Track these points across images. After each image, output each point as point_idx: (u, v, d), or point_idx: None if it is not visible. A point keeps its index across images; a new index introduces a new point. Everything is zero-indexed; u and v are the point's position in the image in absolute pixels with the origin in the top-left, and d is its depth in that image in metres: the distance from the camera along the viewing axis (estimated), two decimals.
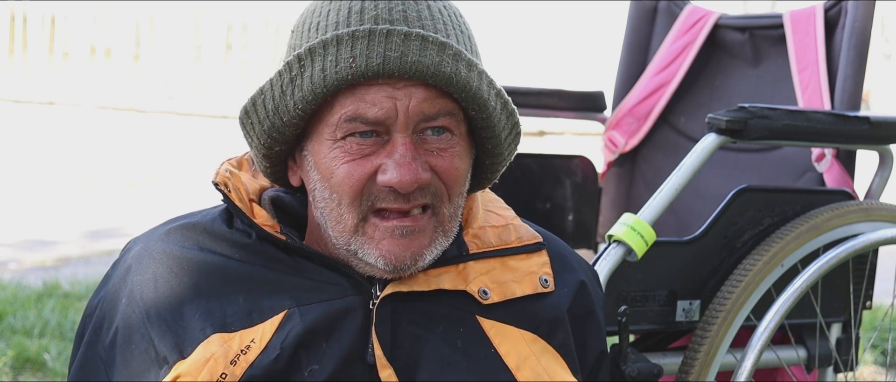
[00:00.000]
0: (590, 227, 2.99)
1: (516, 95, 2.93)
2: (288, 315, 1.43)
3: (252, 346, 1.41)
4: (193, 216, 1.57)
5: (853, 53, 2.51)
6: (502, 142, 1.50)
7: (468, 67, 1.41)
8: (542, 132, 9.94)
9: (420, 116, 1.40)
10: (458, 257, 1.51)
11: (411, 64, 1.37)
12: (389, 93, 1.39)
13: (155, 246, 1.51)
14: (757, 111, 2.06)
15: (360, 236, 1.43)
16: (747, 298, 2.04)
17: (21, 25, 11.51)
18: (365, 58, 1.37)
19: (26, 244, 5.92)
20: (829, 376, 2.29)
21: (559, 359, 1.51)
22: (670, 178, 2.02)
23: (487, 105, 1.44)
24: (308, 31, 1.44)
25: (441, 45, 1.39)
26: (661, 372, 1.98)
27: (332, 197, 1.43)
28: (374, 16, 1.40)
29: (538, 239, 1.58)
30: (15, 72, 11.33)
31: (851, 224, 2.17)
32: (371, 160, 1.41)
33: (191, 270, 1.47)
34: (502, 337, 1.48)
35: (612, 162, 3.01)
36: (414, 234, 1.43)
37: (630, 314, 1.94)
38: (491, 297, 1.50)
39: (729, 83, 2.89)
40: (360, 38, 1.38)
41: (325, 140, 1.42)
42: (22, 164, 8.33)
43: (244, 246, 1.49)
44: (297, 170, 1.50)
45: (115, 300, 1.50)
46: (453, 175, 1.44)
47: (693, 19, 2.92)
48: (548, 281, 1.54)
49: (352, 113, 1.39)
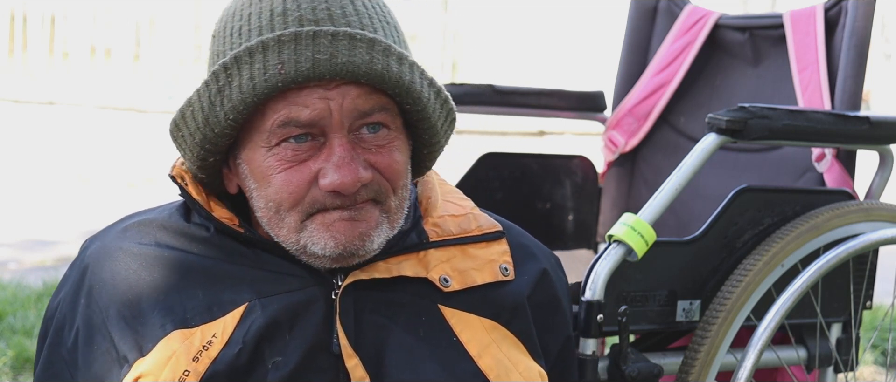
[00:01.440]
0: (590, 227, 2.99)
1: (516, 95, 2.95)
2: (249, 307, 1.41)
3: (214, 341, 1.39)
4: (150, 212, 1.55)
5: (853, 53, 2.51)
6: (439, 131, 1.49)
7: (399, 62, 1.39)
8: (542, 132, 9.94)
9: (355, 114, 1.38)
10: (419, 245, 1.50)
11: (341, 65, 1.35)
12: (322, 95, 1.37)
13: (111, 243, 1.50)
14: (757, 111, 2.06)
15: (307, 230, 1.41)
16: (747, 298, 2.04)
17: (21, 25, 11.50)
18: (293, 63, 1.34)
19: (26, 244, 5.92)
20: (829, 376, 2.29)
21: (519, 345, 1.51)
22: (670, 178, 2.02)
23: (422, 97, 1.42)
24: (230, 36, 1.41)
25: (370, 41, 1.37)
26: (661, 372, 1.98)
27: (269, 206, 1.42)
28: (298, 17, 1.37)
29: (498, 228, 1.58)
30: (15, 72, 11.33)
31: (852, 224, 2.17)
32: (308, 165, 1.39)
33: (149, 266, 1.45)
34: (463, 325, 1.48)
35: (612, 162, 3.01)
36: (361, 216, 1.41)
37: (630, 314, 1.94)
38: (451, 285, 1.49)
39: (729, 83, 2.89)
40: (287, 42, 1.35)
41: (258, 147, 1.40)
42: (22, 164, 8.33)
43: (202, 239, 1.48)
44: (232, 178, 1.48)
45: (75, 300, 1.48)
46: (395, 169, 1.43)
47: (693, 19, 2.92)
48: (508, 269, 1.54)
49: (284, 117, 1.37)
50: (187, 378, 1.37)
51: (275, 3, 1.39)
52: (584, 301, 1.91)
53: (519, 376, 1.48)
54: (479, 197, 2.86)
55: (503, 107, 2.91)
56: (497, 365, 1.47)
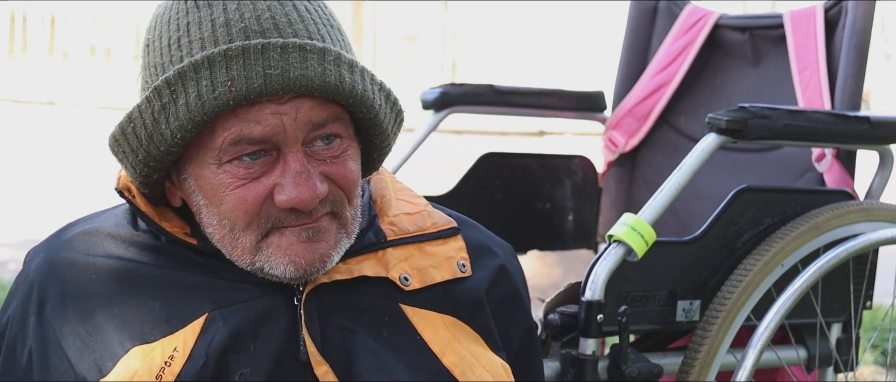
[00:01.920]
0: (590, 227, 2.99)
1: (516, 95, 2.95)
2: (209, 318, 1.35)
3: (175, 356, 1.33)
4: (94, 219, 1.47)
5: (853, 53, 2.51)
6: (390, 135, 1.44)
7: (350, 70, 1.33)
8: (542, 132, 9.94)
9: (309, 126, 1.32)
10: (377, 244, 1.46)
11: (294, 79, 1.28)
12: (274, 110, 1.29)
13: (58, 256, 1.41)
14: (757, 111, 2.06)
15: (263, 252, 1.35)
16: (747, 298, 2.04)
17: (21, 25, 11.50)
18: (244, 79, 1.27)
19: (26, 244, 5.91)
20: (829, 376, 2.29)
21: (479, 340, 1.48)
22: (670, 178, 2.02)
23: (374, 105, 1.37)
24: (169, 47, 1.33)
25: (321, 52, 1.30)
26: (661, 372, 1.98)
27: (222, 224, 1.35)
28: (242, 28, 1.29)
29: (453, 225, 1.54)
30: (15, 72, 11.33)
31: (852, 224, 2.17)
32: (262, 181, 1.32)
33: (99, 279, 1.38)
34: (425, 323, 1.45)
35: (612, 162, 3.01)
36: (320, 234, 1.35)
37: (630, 314, 1.94)
38: (411, 283, 1.45)
39: (729, 83, 2.89)
40: (234, 57, 1.27)
41: (208, 164, 1.33)
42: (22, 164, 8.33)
43: (154, 248, 1.40)
44: (176, 192, 1.40)
45: (25, 318, 1.39)
46: (350, 180, 1.37)
47: (693, 19, 2.92)
48: (465, 265, 1.50)
49: (236, 135, 1.29)
50: None
51: (215, 12, 1.31)
52: (584, 301, 1.91)
53: (483, 370, 1.46)
54: (479, 198, 2.88)
55: (503, 107, 2.91)
56: (461, 361, 1.44)
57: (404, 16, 11.74)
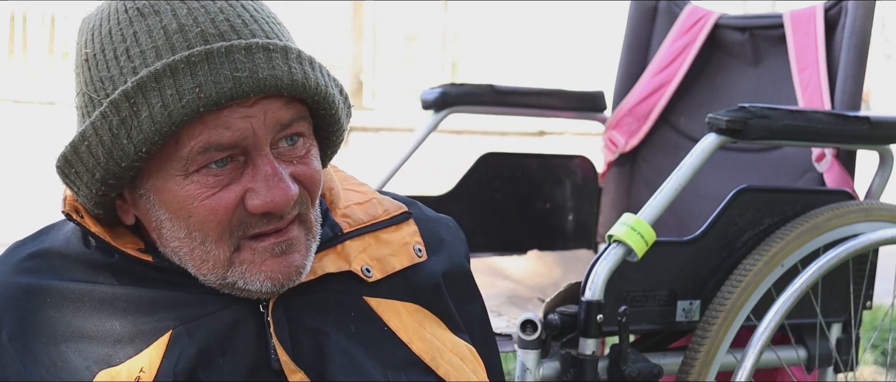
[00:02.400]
0: (590, 227, 2.99)
1: (516, 95, 2.95)
2: (174, 335, 1.29)
3: (142, 377, 1.27)
4: (42, 239, 1.41)
5: (853, 53, 2.51)
6: (344, 128, 1.41)
7: (311, 66, 1.30)
8: (542, 132, 9.94)
9: (277, 127, 1.28)
10: (335, 238, 1.43)
11: (263, 80, 1.24)
12: (242, 114, 1.25)
13: (8, 280, 1.35)
14: (757, 111, 2.06)
15: (236, 267, 1.30)
16: (747, 298, 2.04)
17: (21, 25, 11.51)
18: (213, 84, 1.22)
19: None
20: (829, 376, 2.29)
21: (442, 325, 1.46)
22: (670, 178, 2.02)
23: (335, 101, 1.34)
24: (117, 59, 1.27)
25: (283, 50, 1.27)
26: (661, 372, 1.98)
27: (191, 236, 1.29)
28: (199, 33, 1.25)
29: (404, 209, 1.51)
30: (15, 72, 11.33)
31: (851, 224, 2.17)
32: (232, 189, 1.28)
33: (55, 304, 1.32)
34: (391, 313, 1.43)
35: (612, 162, 3.01)
36: (292, 247, 1.32)
37: (630, 314, 1.94)
38: (373, 274, 1.43)
39: (729, 83, 2.89)
40: (198, 62, 1.22)
41: (172, 176, 1.27)
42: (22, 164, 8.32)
43: (107, 266, 1.34)
44: (129, 209, 1.34)
45: None
46: (316, 180, 1.34)
47: (693, 19, 2.92)
48: (421, 250, 1.48)
49: (204, 143, 1.25)
50: None
51: (164, 19, 1.26)
52: (584, 301, 1.91)
53: (450, 353, 1.44)
54: (479, 198, 2.88)
55: (503, 107, 2.91)
56: (429, 348, 1.42)
57: (404, 16, 11.74)
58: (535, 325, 1.93)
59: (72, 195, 1.37)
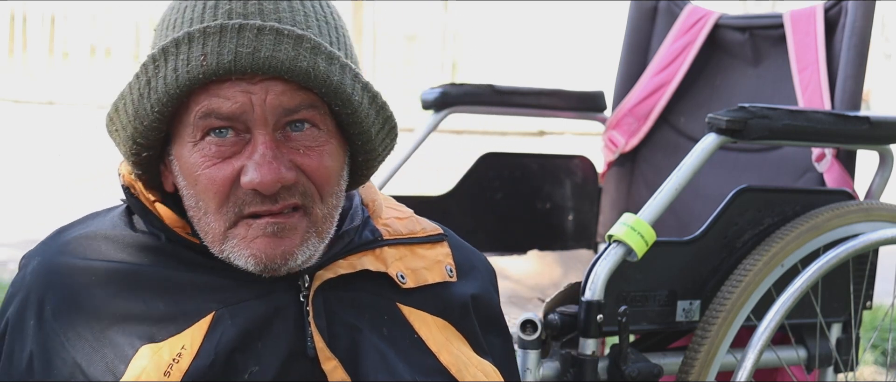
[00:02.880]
0: (590, 227, 2.99)
1: (516, 95, 2.95)
2: (216, 317, 1.36)
3: (183, 353, 1.33)
4: (89, 223, 1.47)
5: (853, 53, 2.51)
6: (374, 138, 1.43)
7: (328, 60, 1.34)
8: (542, 132, 9.95)
9: (279, 110, 1.34)
10: (374, 242, 1.48)
11: (264, 59, 1.31)
12: (244, 88, 1.32)
13: (55, 260, 1.41)
14: (757, 111, 2.06)
15: (230, 241, 1.36)
16: (747, 298, 2.04)
17: (21, 25, 11.51)
18: (216, 55, 1.31)
19: (26, 244, 5.91)
20: (829, 376, 2.29)
21: (467, 344, 1.51)
22: (670, 178, 2.02)
23: (352, 99, 1.37)
24: (166, 29, 1.38)
25: (297, 38, 1.32)
26: (661, 372, 1.98)
27: (198, 206, 1.37)
28: (227, 10, 1.34)
29: (439, 231, 1.58)
30: (15, 72, 11.34)
31: (852, 224, 2.17)
32: (232, 162, 1.34)
33: (101, 283, 1.38)
34: (420, 322, 1.47)
35: (612, 162, 3.01)
36: (285, 231, 1.36)
37: (630, 314, 1.94)
38: (407, 282, 1.48)
39: (729, 83, 2.89)
40: (212, 34, 1.31)
41: (186, 143, 1.36)
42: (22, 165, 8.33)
43: (153, 249, 1.41)
44: (169, 175, 1.42)
45: (23, 324, 1.39)
46: (324, 174, 1.37)
47: (693, 19, 2.92)
48: (452, 270, 1.54)
49: (205, 109, 1.33)
50: None
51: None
52: (584, 301, 1.91)
53: (476, 370, 1.48)
54: (479, 198, 2.88)
55: (503, 107, 2.91)
56: (456, 361, 1.46)
57: (404, 16, 11.74)
58: (535, 325, 1.93)
59: (127, 171, 1.45)
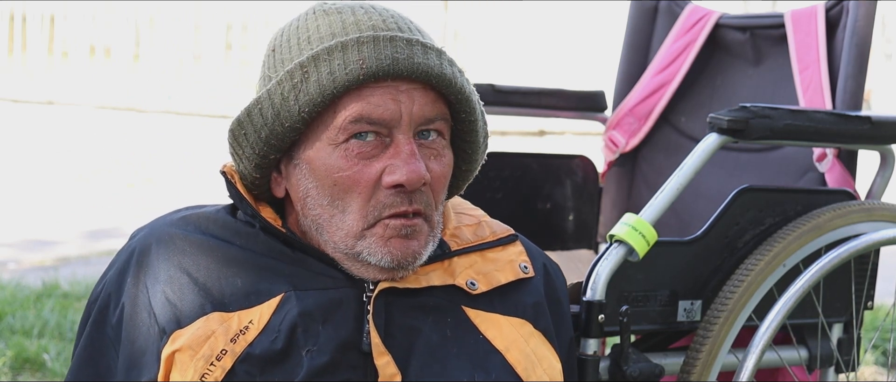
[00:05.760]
0: (590, 227, 2.99)
1: (516, 95, 2.95)
2: (285, 297, 1.48)
3: (250, 327, 1.46)
4: (199, 208, 1.63)
5: (854, 53, 2.51)
6: (480, 148, 1.58)
7: (461, 72, 1.51)
8: (542, 132, 9.94)
9: (421, 119, 1.47)
10: (443, 255, 1.58)
11: (418, 65, 1.45)
12: (393, 95, 1.45)
13: (160, 230, 1.57)
14: (758, 111, 2.05)
15: (366, 239, 1.48)
16: (749, 298, 2.04)
17: (21, 25, 11.51)
18: (375, 59, 1.43)
19: (26, 244, 5.92)
20: (830, 376, 2.28)
21: (545, 342, 1.59)
22: (672, 178, 2.02)
23: (476, 109, 1.52)
24: (297, 45, 1.49)
25: (438, 51, 1.49)
26: (662, 373, 1.97)
27: (334, 205, 1.48)
28: (371, 25, 1.47)
29: (511, 232, 1.67)
30: (14, 72, 11.34)
31: (853, 224, 2.16)
32: (373, 165, 1.46)
33: (193, 252, 1.53)
34: (489, 324, 1.55)
35: (612, 162, 3.00)
36: (414, 233, 1.48)
37: (631, 314, 1.94)
38: (479, 287, 1.56)
39: (730, 83, 2.89)
40: (366, 42, 1.44)
41: (325, 145, 1.47)
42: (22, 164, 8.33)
43: (246, 234, 1.54)
44: (281, 182, 1.55)
45: (121, 280, 1.55)
46: (442, 181, 1.52)
47: (694, 19, 2.91)
48: (527, 267, 1.62)
49: (356, 113, 1.44)
50: (224, 356, 1.45)
51: (344, 16, 1.49)
52: (586, 301, 1.91)
53: (542, 372, 1.55)
54: (479, 197, 2.86)
55: (503, 107, 2.90)
56: (524, 359, 1.54)
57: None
58: None
59: (231, 167, 1.58)
